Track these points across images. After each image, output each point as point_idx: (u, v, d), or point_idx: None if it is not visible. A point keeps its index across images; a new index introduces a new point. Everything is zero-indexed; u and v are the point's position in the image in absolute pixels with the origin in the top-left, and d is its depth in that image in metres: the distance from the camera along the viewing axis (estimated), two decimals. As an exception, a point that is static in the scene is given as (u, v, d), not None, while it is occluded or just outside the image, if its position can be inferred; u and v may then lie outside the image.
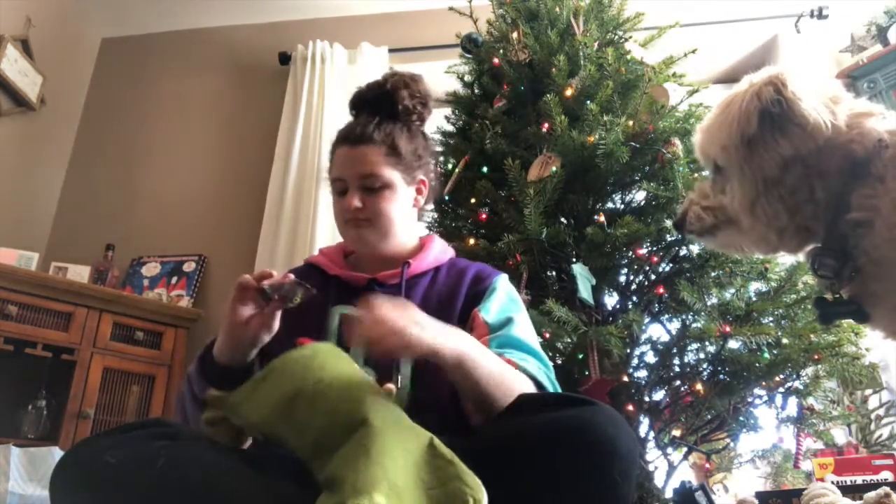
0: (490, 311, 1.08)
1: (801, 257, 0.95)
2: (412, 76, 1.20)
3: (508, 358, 1.00)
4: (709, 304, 1.65)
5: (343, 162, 1.13)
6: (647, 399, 1.71)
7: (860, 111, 0.84)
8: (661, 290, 1.69)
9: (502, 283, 1.16)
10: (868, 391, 2.15)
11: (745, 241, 0.94)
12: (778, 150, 0.82)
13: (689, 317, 1.71)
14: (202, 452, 0.77)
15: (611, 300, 1.81)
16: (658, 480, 1.66)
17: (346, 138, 1.14)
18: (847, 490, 1.58)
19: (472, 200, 1.91)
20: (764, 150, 0.83)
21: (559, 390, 1.05)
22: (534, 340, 1.09)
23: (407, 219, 1.18)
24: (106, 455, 0.73)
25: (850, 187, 0.80)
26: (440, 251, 1.21)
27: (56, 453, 1.82)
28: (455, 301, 1.11)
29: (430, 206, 1.30)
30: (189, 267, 2.96)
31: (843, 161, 0.81)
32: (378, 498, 0.63)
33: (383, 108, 1.17)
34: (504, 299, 1.13)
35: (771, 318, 1.65)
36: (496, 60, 2.03)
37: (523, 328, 1.09)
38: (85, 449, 0.77)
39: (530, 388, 0.97)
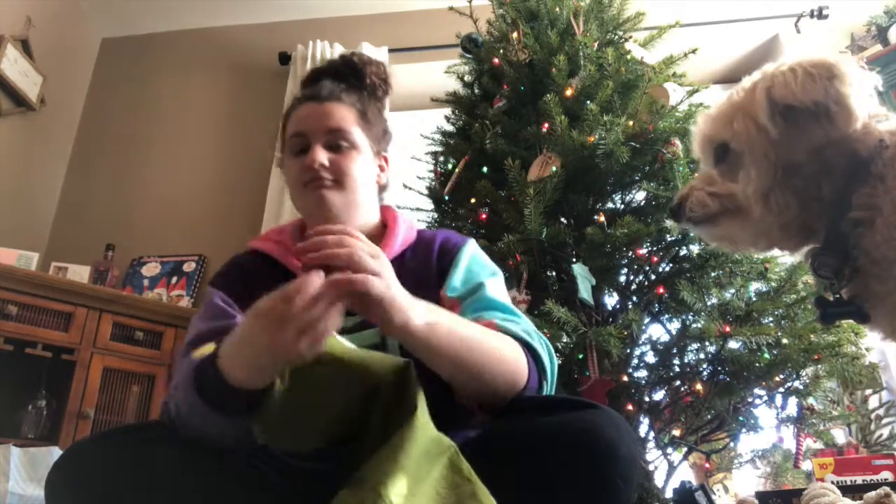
0: (455, 286, 0.98)
1: (797, 257, 0.94)
2: (378, 60, 1.15)
3: (489, 320, 0.90)
4: (709, 304, 1.65)
5: (307, 116, 1.02)
6: (647, 399, 1.71)
7: (871, 113, 0.83)
8: (661, 290, 1.69)
9: (467, 250, 1.04)
10: (868, 391, 2.15)
11: (746, 234, 0.90)
12: (810, 136, 0.80)
13: (689, 317, 1.71)
14: (198, 456, 0.77)
15: (611, 300, 1.81)
16: (658, 480, 1.66)
17: (313, 96, 1.04)
18: (847, 490, 1.58)
19: (472, 200, 1.91)
20: (799, 133, 0.80)
21: (550, 349, 0.95)
22: (509, 302, 0.99)
23: (370, 190, 1.07)
24: (101, 458, 0.73)
25: (851, 186, 0.80)
26: (407, 229, 1.09)
27: (56, 453, 1.82)
28: (429, 280, 1.00)
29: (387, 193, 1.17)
30: (189, 267, 2.96)
31: (848, 160, 0.81)
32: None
33: (349, 78, 1.09)
34: (469, 266, 1.01)
35: (771, 318, 1.65)
36: (496, 60, 2.03)
37: (497, 290, 0.99)
38: (81, 451, 0.76)
39: (517, 351, 0.88)
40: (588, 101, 1.77)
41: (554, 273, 1.79)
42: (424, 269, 1.01)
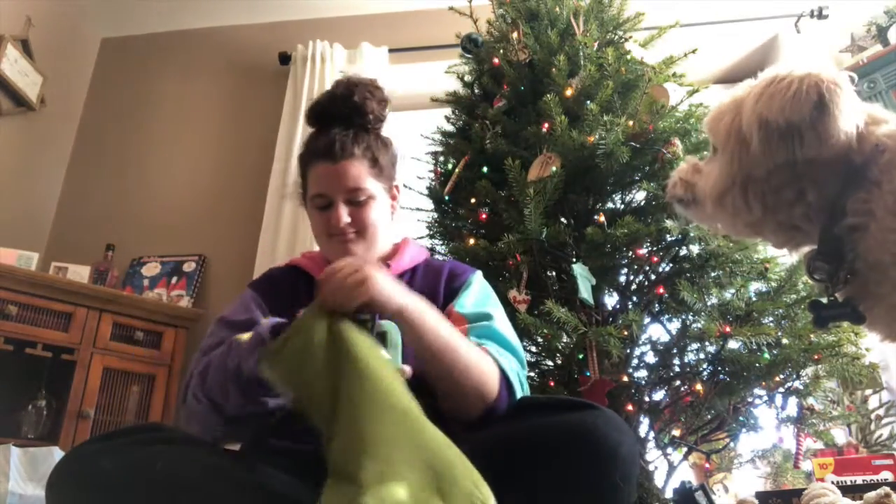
0: (465, 305, 1.09)
1: (796, 256, 0.95)
2: (373, 83, 1.19)
3: (485, 347, 1.00)
4: (709, 304, 1.65)
5: (326, 178, 1.12)
6: (647, 399, 1.71)
7: (875, 117, 0.82)
8: (661, 290, 1.69)
9: (477, 278, 1.17)
10: (868, 391, 2.15)
11: (717, 223, 0.93)
12: (773, 157, 0.80)
13: (689, 317, 1.71)
14: (199, 455, 0.78)
15: (611, 300, 1.81)
16: (658, 480, 1.66)
17: (327, 154, 1.13)
18: (847, 490, 1.58)
19: (472, 200, 1.91)
20: (767, 149, 0.80)
21: (527, 393, 1.04)
22: (513, 338, 1.08)
23: (387, 226, 1.20)
24: (102, 460, 0.74)
25: (847, 191, 0.80)
26: (416, 252, 1.23)
27: (56, 453, 1.82)
28: (435, 299, 1.09)
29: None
30: (189, 267, 2.96)
31: (842, 166, 0.81)
32: (398, 490, 0.64)
33: (354, 120, 1.15)
34: (479, 294, 1.14)
35: (771, 318, 1.65)
36: (496, 60, 2.03)
37: (503, 324, 1.08)
38: (81, 454, 0.77)
39: (492, 368, 0.96)
40: (588, 101, 1.77)
41: (554, 273, 1.79)
42: (432, 289, 1.12)
